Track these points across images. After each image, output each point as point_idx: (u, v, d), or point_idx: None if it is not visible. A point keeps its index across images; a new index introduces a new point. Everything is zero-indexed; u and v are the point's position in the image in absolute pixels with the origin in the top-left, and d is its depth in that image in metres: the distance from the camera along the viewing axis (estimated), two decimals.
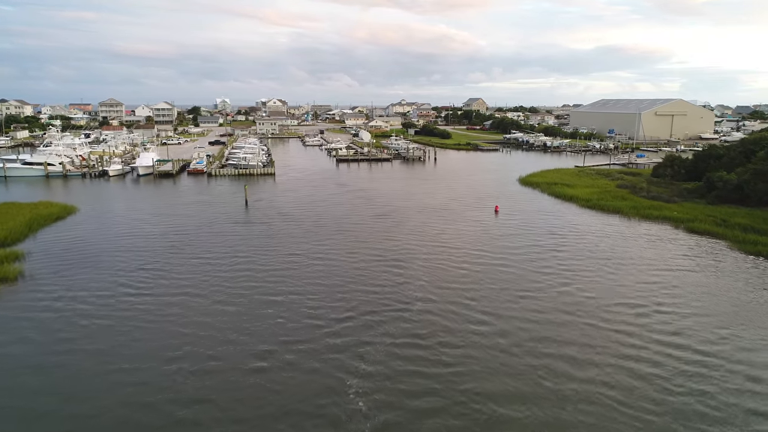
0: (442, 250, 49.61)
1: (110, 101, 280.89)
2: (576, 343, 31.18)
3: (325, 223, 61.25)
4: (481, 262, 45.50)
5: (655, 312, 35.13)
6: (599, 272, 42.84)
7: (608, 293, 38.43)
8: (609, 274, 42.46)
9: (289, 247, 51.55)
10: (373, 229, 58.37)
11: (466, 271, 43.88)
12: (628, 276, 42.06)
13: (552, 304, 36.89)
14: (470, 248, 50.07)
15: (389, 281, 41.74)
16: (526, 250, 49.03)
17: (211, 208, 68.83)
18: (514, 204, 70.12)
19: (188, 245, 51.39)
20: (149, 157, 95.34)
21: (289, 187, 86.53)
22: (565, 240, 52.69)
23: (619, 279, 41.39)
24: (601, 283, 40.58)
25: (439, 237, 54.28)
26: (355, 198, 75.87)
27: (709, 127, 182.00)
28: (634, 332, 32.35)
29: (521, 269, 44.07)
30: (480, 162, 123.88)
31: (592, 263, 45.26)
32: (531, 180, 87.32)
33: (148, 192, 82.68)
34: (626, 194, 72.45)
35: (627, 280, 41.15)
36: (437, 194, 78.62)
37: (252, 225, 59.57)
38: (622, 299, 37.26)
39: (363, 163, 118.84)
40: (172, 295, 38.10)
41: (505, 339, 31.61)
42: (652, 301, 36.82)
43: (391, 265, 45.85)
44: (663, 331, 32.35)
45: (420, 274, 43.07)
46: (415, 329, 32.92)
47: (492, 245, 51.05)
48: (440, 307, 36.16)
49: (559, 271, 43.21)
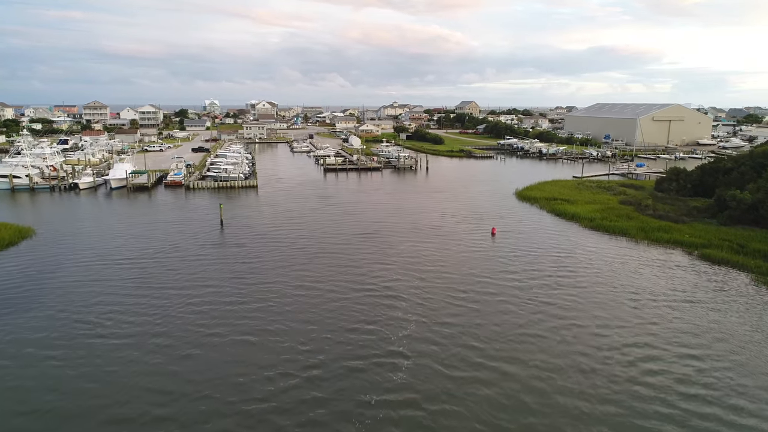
0: (435, 280, 44.59)
1: (94, 104, 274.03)
2: (590, 399, 26.46)
3: (306, 244, 56.10)
4: (479, 296, 40.38)
5: (677, 360, 30.18)
6: (611, 308, 37.86)
7: (624, 335, 33.45)
8: (622, 310, 37.48)
9: (263, 274, 46.61)
10: (359, 251, 53.24)
11: (462, 306, 39.03)
12: (642, 315, 37.07)
13: (560, 348, 32.30)
14: (467, 278, 45.02)
15: (376, 318, 37.25)
16: (527, 281, 44.00)
17: (184, 227, 63.33)
18: (512, 224, 65.13)
19: (153, 274, 46.14)
20: (123, 168, 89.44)
21: (272, 201, 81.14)
22: (570, 268, 47.73)
23: (634, 317, 36.41)
24: (613, 322, 35.61)
25: (431, 263, 49.19)
26: (342, 214, 70.59)
27: (706, 133, 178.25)
28: (658, 386, 27.40)
29: (522, 304, 39.21)
30: (474, 171, 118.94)
31: (601, 297, 40.28)
32: (528, 194, 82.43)
33: (119, 208, 76.96)
34: (631, 212, 67.71)
35: (642, 319, 36.17)
36: (429, 210, 73.51)
37: (225, 248, 54.18)
38: (638, 342, 32.28)
39: (352, 173, 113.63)
40: (125, 338, 32.80)
41: (510, 400, 26.71)
42: (673, 342, 31.87)
43: (377, 296, 41.17)
44: (693, 384, 27.39)
45: (411, 309, 38.29)
46: (406, 386, 27.88)
47: (490, 274, 46.00)
48: (435, 355, 31.14)
49: (565, 308, 38.26)
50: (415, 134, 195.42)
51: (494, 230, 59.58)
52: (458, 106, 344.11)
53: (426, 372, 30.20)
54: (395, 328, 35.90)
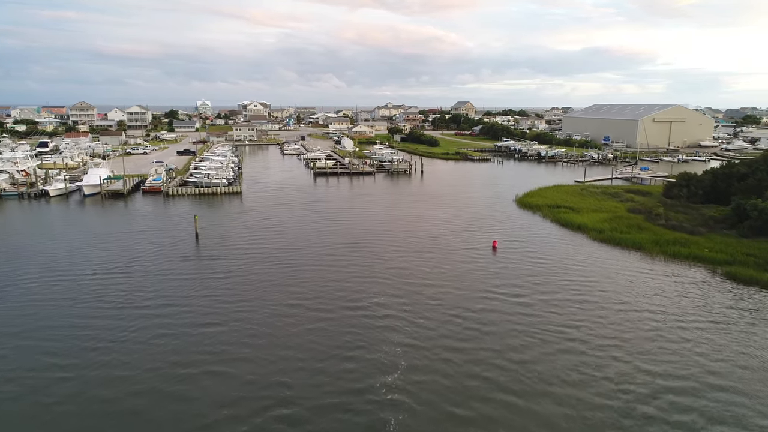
0: (432, 299, 39.71)
1: (81, 104, 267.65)
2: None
3: (289, 256, 51.06)
4: (482, 318, 35.22)
5: (707, 392, 25.12)
6: (631, 333, 32.73)
7: (648, 363, 28.40)
8: (643, 336, 32.40)
9: (238, 292, 41.86)
10: (348, 264, 48.09)
11: (463, 330, 34.37)
12: (667, 340, 31.98)
13: (576, 379, 27.63)
14: (467, 298, 40.04)
15: (366, 343, 33.05)
16: (534, 303, 38.92)
17: (155, 239, 57.93)
18: (514, 235, 60.01)
19: (114, 294, 41.12)
20: (97, 173, 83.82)
21: (255, 208, 75.78)
22: (582, 288, 42.69)
23: (658, 344, 31.33)
24: (634, 348, 30.51)
25: (428, 280, 44.09)
26: (330, 223, 65.27)
27: (708, 134, 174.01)
28: (690, 426, 22.44)
29: (531, 329, 34.52)
30: (471, 175, 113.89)
31: (620, 321, 35.16)
32: (530, 201, 77.37)
33: (89, 218, 71.42)
34: (641, 221, 62.77)
35: (667, 349, 31.10)
36: (424, 218, 68.32)
37: (199, 261, 48.84)
38: (668, 372, 27.21)
39: (343, 177, 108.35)
40: (70, 369, 27.46)
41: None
42: (705, 370, 26.81)
43: (368, 317, 36.65)
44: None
45: (406, 332, 33.75)
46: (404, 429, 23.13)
47: (494, 294, 40.97)
48: (437, 389, 26.53)
49: (581, 332, 33.19)
50: (410, 136, 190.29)
51: (495, 243, 54.45)
52: (453, 107, 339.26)
53: (428, 412, 25.50)
54: (388, 356, 31.17)
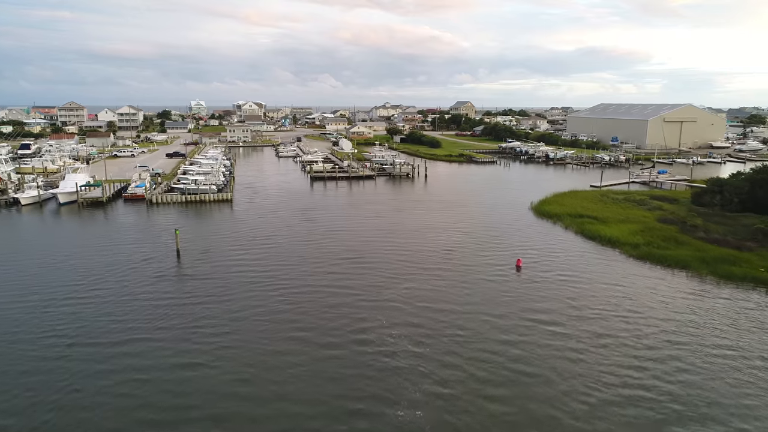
0: (454, 333, 32.76)
1: (71, 105, 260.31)
2: None
3: (281, 276, 44.40)
4: (517, 364, 28.46)
5: None
6: (704, 378, 26.08)
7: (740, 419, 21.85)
8: (720, 382, 25.76)
9: (219, 324, 35.40)
10: (348, 286, 41.39)
11: (503, 387, 27.19)
12: (752, 385, 25.40)
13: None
14: (496, 332, 33.29)
15: (373, 390, 26.32)
16: (576, 337, 32.30)
17: (131, 255, 51.02)
18: (537, 249, 53.38)
19: (69, 326, 34.42)
20: (74, 180, 76.70)
21: (247, 217, 68.92)
22: (629, 316, 36.13)
23: (740, 392, 24.70)
24: (713, 399, 23.91)
25: (446, 307, 37.31)
26: (328, 235, 58.39)
27: (720, 135, 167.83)
28: None
29: (583, 376, 27.62)
30: (477, 179, 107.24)
31: (703, 371, 28.43)
32: (548, 209, 70.69)
33: (62, 230, 64.43)
34: (676, 233, 56.23)
35: (757, 398, 24.49)
36: (433, 229, 61.55)
37: (179, 283, 41.94)
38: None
39: (342, 181, 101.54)
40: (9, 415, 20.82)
41: None
42: None
43: (373, 354, 29.78)
44: None
45: (421, 375, 26.73)
46: None
47: (527, 326, 34.28)
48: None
49: (646, 382, 26.46)
50: (410, 137, 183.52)
51: (519, 262, 47.74)
52: (453, 107, 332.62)
53: None
54: (410, 410, 24.54)
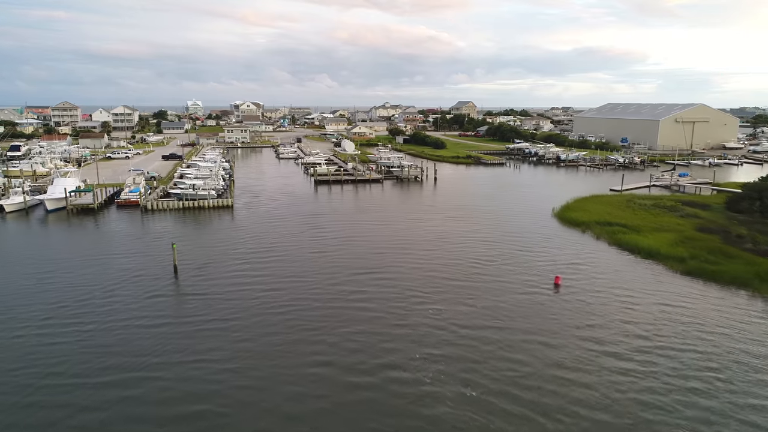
0: (501, 368, 27.71)
1: (64, 104, 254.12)
2: None
3: (293, 295, 39.24)
4: (584, 409, 23.64)
5: None
6: None
7: None
8: None
9: (224, 352, 30.17)
10: (370, 310, 36.28)
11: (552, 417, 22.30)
12: None
13: None
14: (549, 368, 28.26)
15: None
16: (645, 376, 27.30)
17: (123, 270, 45.89)
18: (571, 262, 48.48)
19: (47, 357, 29.06)
20: (63, 185, 71.46)
21: (249, 225, 63.85)
22: (698, 343, 31.25)
23: None
24: None
25: (485, 335, 32.28)
26: (339, 245, 53.42)
27: (732, 135, 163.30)
28: None
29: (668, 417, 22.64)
30: (488, 182, 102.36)
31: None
32: (573, 216, 65.78)
33: (48, 240, 59.24)
34: (721, 244, 51.46)
35: None
36: (453, 239, 56.57)
37: (176, 305, 36.88)
38: None
39: (347, 185, 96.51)
40: None
41: None
42: None
43: (412, 413, 24.21)
44: None
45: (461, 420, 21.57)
46: None
47: (585, 365, 29.24)
48: None
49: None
50: (414, 137, 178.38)
51: (558, 279, 42.82)
52: (454, 107, 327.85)
53: None
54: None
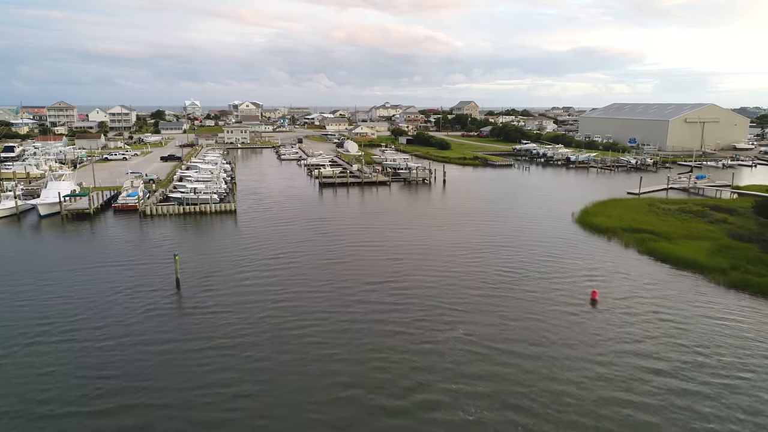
0: (551, 401, 24.30)
1: (60, 104, 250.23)
2: None
3: (307, 310, 35.59)
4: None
5: None
6: None
7: None
8: None
9: (231, 385, 26.33)
10: (392, 330, 32.80)
11: None
12: None
13: None
14: (605, 395, 24.79)
15: None
16: (694, 393, 23.98)
17: (120, 282, 42.37)
18: (603, 272, 45.15)
19: (41, 383, 25.42)
20: (57, 188, 67.84)
21: (254, 232, 60.39)
22: (764, 367, 27.90)
23: None
24: None
25: (523, 354, 28.86)
26: (352, 251, 49.95)
27: (743, 135, 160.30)
28: None
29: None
30: (498, 184, 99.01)
31: None
32: (595, 222, 62.39)
33: (40, 248, 55.66)
34: (759, 253, 48.19)
35: None
36: (473, 248, 53.14)
37: (179, 327, 33.41)
38: None
39: (353, 187, 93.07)
40: None
41: None
42: None
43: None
44: None
45: None
46: None
47: (645, 392, 25.77)
48: None
49: None
50: (417, 138, 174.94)
51: (596, 294, 39.44)
52: (456, 107, 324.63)
53: None
54: None
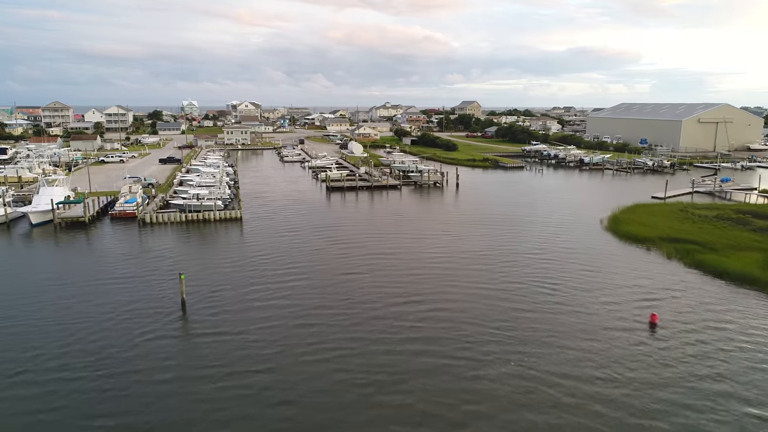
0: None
1: (55, 104, 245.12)
2: None
3: (329, 337, 31.03)
4: None
5: None
6: None
7: None
8: None
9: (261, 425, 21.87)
10: (433, 362, 28.19)
11: None
12: None
13: None
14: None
15: None
16: None
17: (119, 303, 37.83)
18: (652, 289, 40.83)
19: (31, 426, 21.06)
20: (50, 195, 63.18)
21: (262, 241, 55.89)
22: None
23: None
24: None
25: (588, 390, 24.36)
26: (370, 262, 45.47)
27: (757, 136, 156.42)
28: None
29: None
30: (513, 187, 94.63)
31: None
32: (629, 230, 57.97)
33: (31, 260, 51.03)
34: None
35: None
36: (504, 260, 48.69)
37: (186, 351, 28.89)
38: None
39: (362, 192, 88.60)
40: None
41: None
42: None
43: None
44: None
45: None
46: None
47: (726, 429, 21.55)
48: None
49: None
50: (422, 139, 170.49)
51: (655, 318, 35.10)
52: (458, 107, 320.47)
53: None
54: None
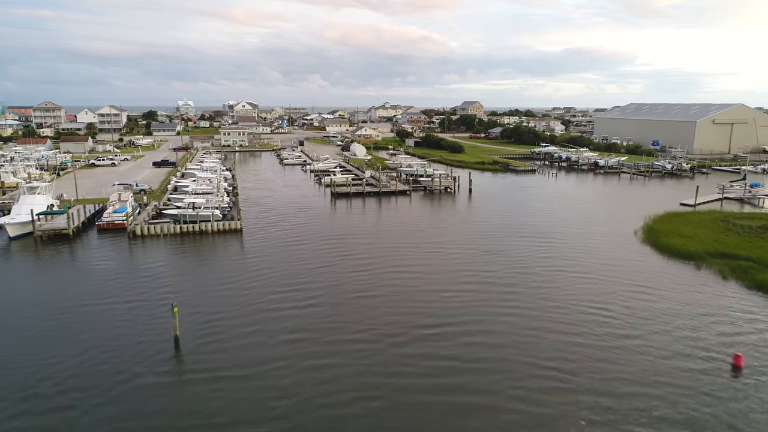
0: None
1: (46, 104, 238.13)
2: None
3: (350, 375, 25.27)
4: None
5: None
6: None
7: None
8: None
9: None
10: (472, 404, 22.81)
11: None
12: None
13: None
14: None
15: None
16: None
17: (103, 337, 32.12)
18: (717, 316, 35.40)
19: None
20: (30, 204, 57.19)
21: (265, 257, 50.13)
22: None
23: None
24: None
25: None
26: (387, 279, 39.89)
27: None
28: None
29: None
30: (528, 193, 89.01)
31: None
32: (670, 243, 52.37)
33: (6, 281, 45.04)
34: None
35: None
36: (536, 274, 42.94)
37: (182, 404, 23.33)
38: None
39: (369, 198, 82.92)
40: None
41: None
42: None
43: None
44: None
45: None
46: None
47: None
48: None
49: None
50: (426, 140, 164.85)
51: (740, 360, 29.61)
52: (460, 107, 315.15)
53: None
54: None
